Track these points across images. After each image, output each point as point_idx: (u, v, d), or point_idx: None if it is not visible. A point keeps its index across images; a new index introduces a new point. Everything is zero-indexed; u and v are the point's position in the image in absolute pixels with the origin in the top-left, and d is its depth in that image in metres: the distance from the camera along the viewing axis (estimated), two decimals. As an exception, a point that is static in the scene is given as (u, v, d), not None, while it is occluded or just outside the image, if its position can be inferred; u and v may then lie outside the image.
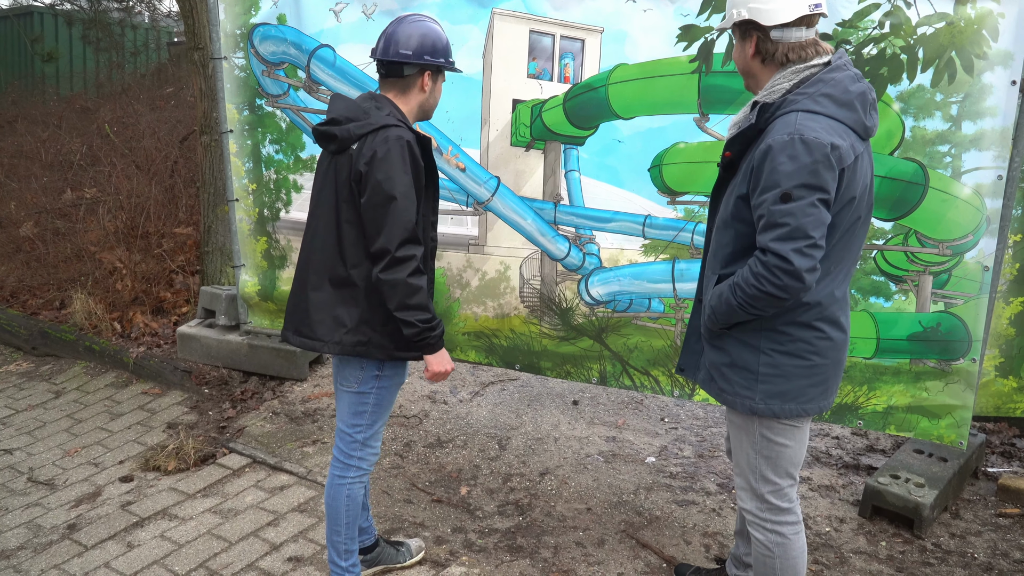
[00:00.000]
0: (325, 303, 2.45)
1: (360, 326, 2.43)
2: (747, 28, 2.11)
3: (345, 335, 2.43)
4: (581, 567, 2.99)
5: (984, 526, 3.27)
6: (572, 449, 3.96)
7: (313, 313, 2.46)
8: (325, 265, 2.44)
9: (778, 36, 2.06)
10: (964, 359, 3.05)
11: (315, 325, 2.46)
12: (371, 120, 2.34)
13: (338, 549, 2.66)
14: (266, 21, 3.95)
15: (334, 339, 2.44)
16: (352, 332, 2.43)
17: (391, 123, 2.34)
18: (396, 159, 2.29)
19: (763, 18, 2.05)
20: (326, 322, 2.45)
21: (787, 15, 2.03)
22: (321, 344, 2.47)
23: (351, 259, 2.40)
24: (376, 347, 2.45)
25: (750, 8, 2.07)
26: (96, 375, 4.97)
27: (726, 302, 2.08)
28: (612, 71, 3.31)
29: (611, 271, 3.51)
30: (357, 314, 2.43)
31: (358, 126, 2.34)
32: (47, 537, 3.25)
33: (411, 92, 2.46)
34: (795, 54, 2.07)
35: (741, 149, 2.13)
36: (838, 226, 2.03)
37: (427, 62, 2.42)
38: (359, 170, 2.31)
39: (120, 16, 12.01)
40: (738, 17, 2.10)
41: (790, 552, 2.25)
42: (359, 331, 2.43)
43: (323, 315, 2.45)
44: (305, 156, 4.10)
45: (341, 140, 2.36)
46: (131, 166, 7.03)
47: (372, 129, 2.32)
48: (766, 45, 2.08)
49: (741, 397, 2.17)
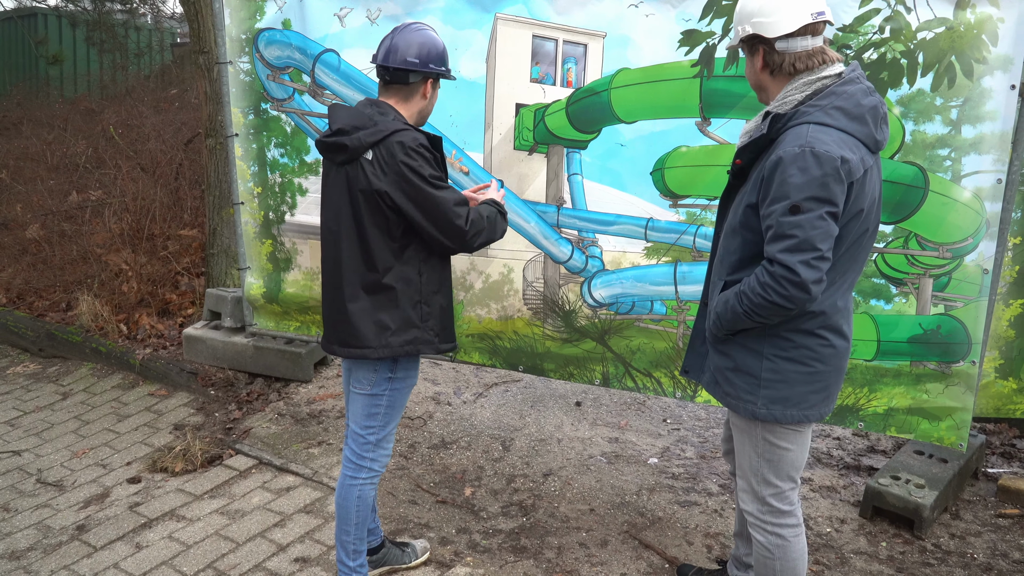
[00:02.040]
0: (365, 311, 2.48)
1: (404, 327, 2.49)
2: (753, 42, 2.14)
3: (391, 337, 2.49)
4: (584, 567, 3.02)
5: (984, 527, 3.29)
6: (575, 450, 3.99)
7: (357, 323, 2.49)
8: (357, 274, 2.48)
9: (783, 47, 2.08)
10: (964, 361, 3.07)
11: (360, 335, 2.49)
12: (380, 127, 2.37)
13: (347, 549, 2.69)
14: (271, 26, 3.98)
15: (382, 343, 2.49)
16: (397, 333, 2.49)
17: (400, 127, 2.38)
18: (421, 162, 2.37)
19: (767, 31, 2.07)
20: (371, 329, 2.48)
21: (790, 25, 2.06)
22: (371, 351, 2.50)
23: (382, 263, 2.44)
24: (424, 343, 2.53)
25: (753, 23, 2.09)
26: (103, 377, 5.01)
27: (732, 309, 2.10)
28: (614, 75, 3.34)
29: (614, 274, 3.54)
30: (399, 316, 2.49)
31: (368, 134, 2.36)
32: (56, 538, 3.28)
33: (413, 99, 2.50)
34: (802, 63, 2.09)
35: (752, 157, 2.16)
36: (845, 238, 2.05)
37: (431, 70, 2.47)
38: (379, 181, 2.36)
39: (124, 17, 12.05)
40: (743, 33, 2.13)
41: (790, 554, 2.28)
42: (404, 332, 2.50)
43: (366, 323, 2.48)
44: (310, 160, 4.13)
45: (352, 150, 2.38)
46: (136, 168, 7.07)
47: (384, 136, 2.36)
48: (772, 57, 2.11)
49: (744, 401, 2.20)
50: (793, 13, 2.05)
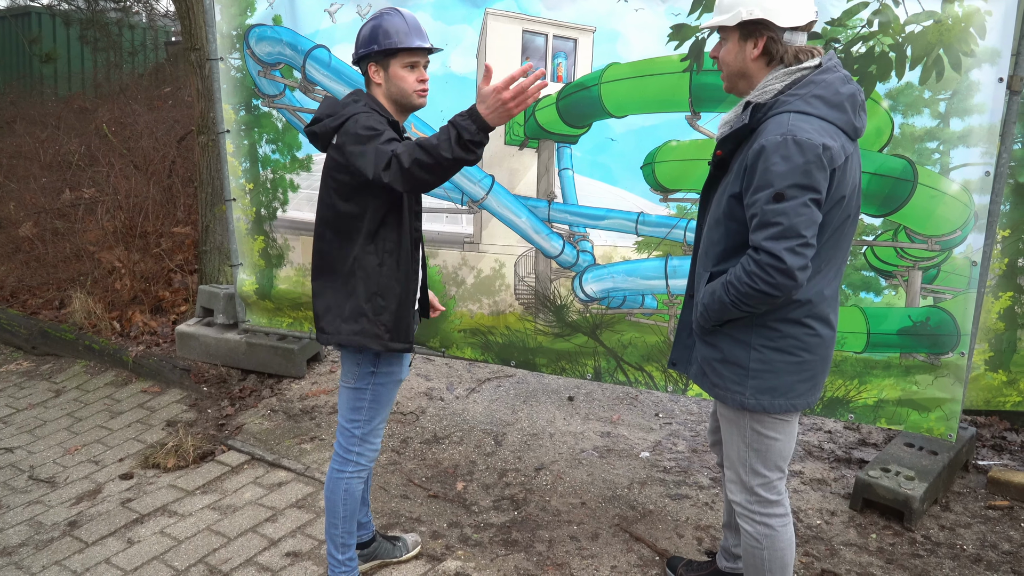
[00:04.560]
0: (323, 295, 2.50)
1: (354, 315, 2.46)
2: (755, 28, 2.08)
3: (342, 324, 2.47)
4: (575, 560, 3.03)
5: (974, 518, 3.31)
6: (567, 444, 3.99)
7: (316, 306, 2.52)
8: (318, 254, 2.50)
9: (789, 39, 2.08)
10: (953, 353, 3.08)
11: (320, 317, 2.51)
12: (343, 113, 2.39)
13: (336, 543, 2.69)
14: (262, 22, 3.98)
15: (334, 328, 2.48)
16: (347, 321, 2.46)
17: (360, 111, 2.37)
18: (360, 127, 2.29)
19: (779, 18, 2.05)
20: (325, 313, 2.49)
21: (800, 18, 2.06)
22: (327, 336, 2.50)
23: (344, 249, 2.44)
24: (371, 337, 2.47)
25: (764, 7, 2.04)
26: (96, 374, 5.00)
27: (719, 300, 2.11)
28: (604, 70, 3.34)
29: (605, 268, 3.54)
30: (351, 304, 2.46)
31: (332, 120, 2.39)
32: (48, 534, 3.28)
33: (371, 88, 2.50)
34: (804, 55, 2.08)
35: (733, 148, 2.16)
36: (828, 225, 2.06)
37: (362, 54, 2.45)
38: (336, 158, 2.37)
39: (117, 16, 12.02)
40: (747, 16, 2.07)
41: (778, 543, 2.29)
42: (353, 321, 2.46)
43: (322, 306, 2.50)
44: (301, 156, 4.13)
45: (322, 136, 2.42)
46: (129, 166, 7.06)
47: (343, 120, 2.37)
48: (776, 47, 2.08)
49: (732, 392, 2.20)
50: (801, 7, 2.06)
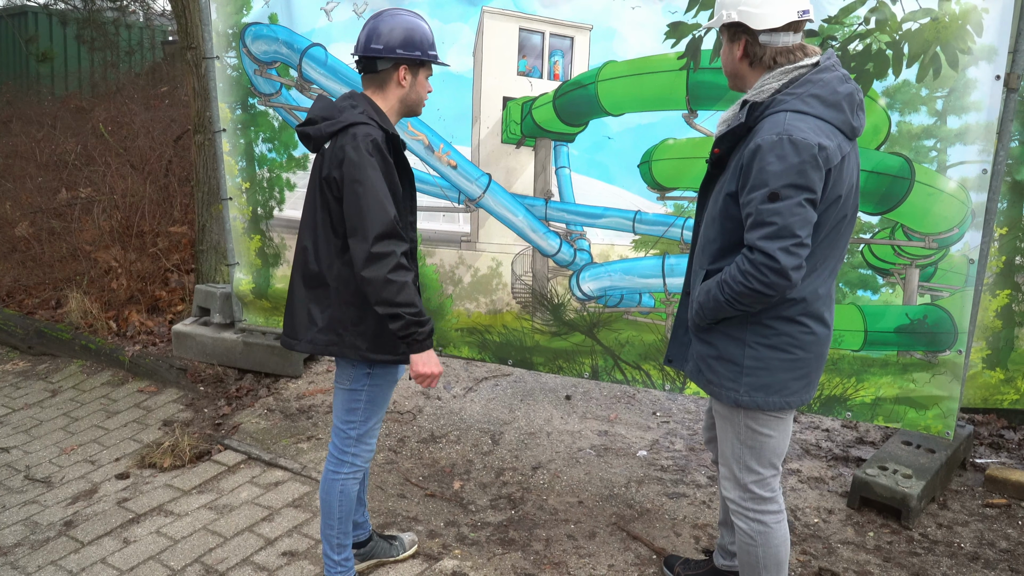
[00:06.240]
0: (302, 302, 2.48)
1: (331, 325, 2.44)
2: (736, 31, 2.13)
3: (317, 334, 2.46)
4: (572, 559, 3.02)
5: (971, 516, 3.30)
6: (564, 443, 3.99)
7: (294, 312, 2.50)
8: (301, 262, 2.48)
9: (767, 40, 2.08)
10: (950, 351, 3.08)
11: (295, 323, 2.50)
12: (341, 119, 2.34)
13: (331, 543, 2.69)
14: (258, 20, 3.97)
15: (307, 337, 2.47)
16: (324, 331, 2.45)
17: (360, 120, 2.32)
18: (364, 157, 2.28)
19: (753, 22, 2.07)
20: (303, 322, 2.48)
21: (776, 20, 2.05)
22: (296, 343, 2.50)
23: (323, 258, 2.42)
24: (348, 347, 2.45)
25: (740, 11, 2.08)
26: (92, 374, 4.99)
27: (714, 298, 2.11)
28: (601, 68, 3.34)
29: (602, 267, 3.54)
30: (328, 313, 2.44)
31: (329, 124, 2.35)
32: (44, 534, 3.27)
33: (389, 87, 2.44)
34: (784, 58, 2.09)
35: (730, 146, 2.16)
36: (824, 225, 2.06)
37: (400, 56, 2.39)
38: (331, 170, 2.33)
39: (114, 15, 12.01)
40: (728, 19, 2.12)
41: (772, 540, 2.29)
42: (330, 330, 2.45)
43: (300, 313, 2.49)
44: (298, 154, 4.12)
45: (315, 140, 2.38)
46: (126, 165, 7.05)
47: (341, 127, 2.32)
48: (754, 49, 2.11)
49: (726, 389, 2.20)
50: (781, 8, 2.05)
